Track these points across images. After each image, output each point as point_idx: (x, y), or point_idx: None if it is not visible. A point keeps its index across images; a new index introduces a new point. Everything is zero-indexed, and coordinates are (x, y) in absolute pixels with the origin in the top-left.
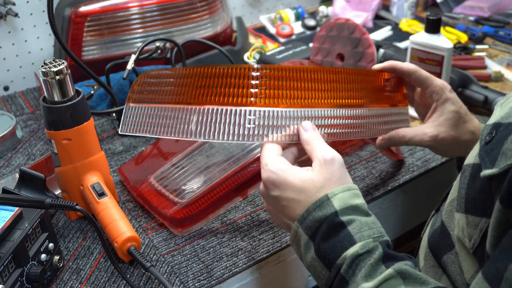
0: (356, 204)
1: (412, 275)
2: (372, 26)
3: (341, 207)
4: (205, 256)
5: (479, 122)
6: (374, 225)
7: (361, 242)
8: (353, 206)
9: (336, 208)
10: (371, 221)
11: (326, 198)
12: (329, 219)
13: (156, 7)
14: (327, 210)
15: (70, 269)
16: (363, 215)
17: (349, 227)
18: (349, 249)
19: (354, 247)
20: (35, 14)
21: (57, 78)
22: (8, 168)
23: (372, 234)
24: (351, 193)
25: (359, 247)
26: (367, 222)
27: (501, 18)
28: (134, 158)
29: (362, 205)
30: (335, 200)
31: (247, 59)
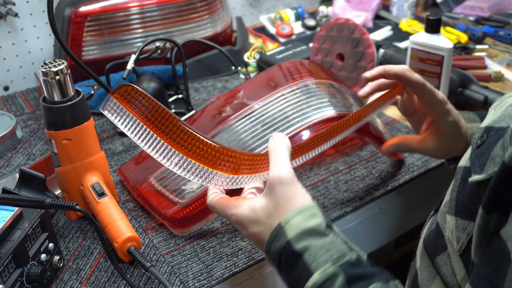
0: (311, 227)
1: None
2: (372, 26)
3: (295, 235)
4: (205, 256)
5: (465, 124)
6: (332, 246)
7: (318, 271)
8: (307, 230)
9: (289, 237)
10: (329, 241)
11: (280, 227)
12: (285, 251)
13: (156, 7)
14: (282, 240)
15: (70, 269)
16: (319, 237)
17: (305, 255)
18: (308, 282)
19: (312, 278)
20: (35, 14)
21: (57, 78)
22: (8, 168)
23: (330, 257)
24: (305, 215)
25: (318, 277)
26: (324, 245)
27: (501, 18)
28: (134, 158)
29: (318, 226)
30: (289, 228)
31: (247, 59)
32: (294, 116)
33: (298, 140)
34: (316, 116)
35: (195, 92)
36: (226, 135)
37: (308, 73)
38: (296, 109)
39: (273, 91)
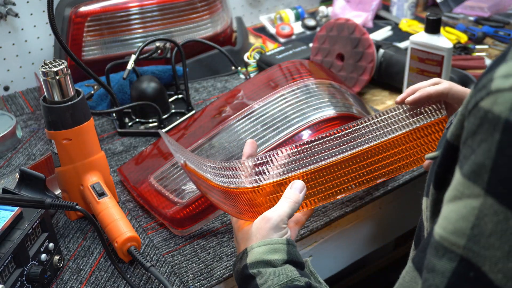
0: (268, 259)
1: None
2: (372, 26)
3: (252, 261)
4: (205, 256)
5: None
6: (282, 271)
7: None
8: (264, 261)
9: (247, 262)
10: (280, 268)
11: (245, 251)
12: (242, 272)
13: (156, 7)
14: (242, 263)
15: (70, 269)
16: (270, 267)
17: (257, 278)
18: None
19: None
20: (35, 14)
21: (57, 78)
22: (8, 168)
23: (279, 281)
24: (268, 247)
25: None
26: (274, 271)
27: (501, 18)
28: (134, 158)
29: (275, 261)
30: (251, 254)
31: (247, 59)
32: (294, 116)
33: (298, 140)
34: (316, 116)
35: (195, 92)
36: (226, 135)
37: (308, 73)
38: (296, 109)
39: (273, 91)
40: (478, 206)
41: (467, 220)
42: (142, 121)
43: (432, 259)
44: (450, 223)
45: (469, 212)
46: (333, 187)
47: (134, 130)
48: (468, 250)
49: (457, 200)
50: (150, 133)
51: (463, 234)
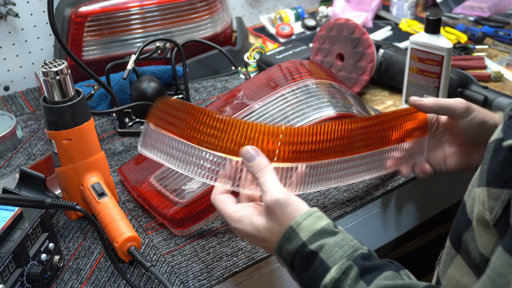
0: (322, 227)
1: (394, 287)
2: (372, 26)
3: (308, 236)
4: (205, 256)
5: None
6: (344, 242)
7: (335, 266)
8: (319, 230)
9: (304, 239)
10: (340, 239)
11: (291, 230)
12: (299, 251)
13: (156, 7)
14: (296, 242)
15: (70, 269)
16: (331, 235)
17: (321, 253)
18: (325, 277)
19: (329, 273)
20: (35, 14)
21: (57, 78)
22: (8, 168)
23: (344, 253)
24: (314, 217)
25: (335, 272)
26: (337, 242)
27: (501, 18)
28: (134, 158)
29: (328, 226)
30: (301, 230)
31: (247, 59)
32: (294, 116)
33: None
34: (316, 116)
35: (195, 92)
36: None
37: (308, 73)
38: (296, 109)
39: (273, 91)
40: None
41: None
42: (142, 121)
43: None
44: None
45: None
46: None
47: (134, 130)
48: None
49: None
50: None
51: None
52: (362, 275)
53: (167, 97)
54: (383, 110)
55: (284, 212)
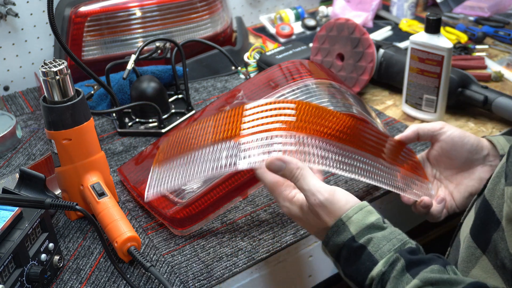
0: (371, 222)
1: (439, 281)
2: (372, 26)
3: (358, 230)
4: (205, 256)
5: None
6: (392, 236)
7: (382, 259)
8: (368, 225)
9: (353, 233)
10: (388, 232)
11: (341, 222)
12: (347, 245)
13: (156, 7)
14: (345, 236)
15: (70, 269)
16: (379, 230)
17: (369, 247)
18: (373, 270)
19: (377, 266)
20: (35, 14)
21: (57, 78)
22: (8, 168)
23: (392, 246)
24: (364, 211)
25: (382, 265)
26: (385, 236)
27: (501, 18)
28: (134, 158)
29: (377, 221)
30: (350, 224)
31: (247, 59)
32: None
33: None
34: None
35: (195, 92)
36: None
37: (308, 73)
38: None
39: (273, 91)
40: None
41: None
42: (142, 121)
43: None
44: None
45: None
46: None
47: (134, 130)
48: None
49: None
50: (150, 133)
51: None
52: (409, 268)
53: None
54: (383, 110)
55: (331, 211)
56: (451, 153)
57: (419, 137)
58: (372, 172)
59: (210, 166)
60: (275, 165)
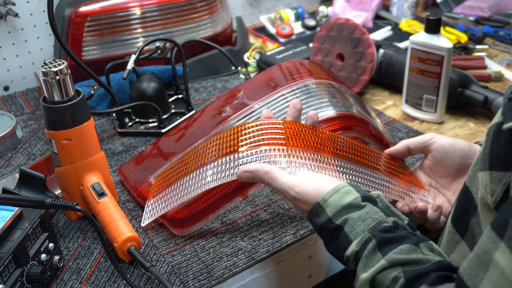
0: (348, 202)
1: (405, 261)
2: (372, 26)
3: (334, 212)
4: (205, 256)
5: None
6: (368, 215)
7: (356, 239)
8: (344, 206)
9: (330, 215)
10: (364, 212)
11: (319, 205)
12: (326, 226)
13: (156, 7)
14: (323, 217)
15: (70, 269)
16: (356, 209)
17: (345, 227)
18: (348, 249)
19: (351, 246)
20: (35, 14)
21: (57, 78)
22: (8, 168)
23: (367, 226)
24: (341, 193)
25: (355, 245)
26: (360, 216)
27: (501, 18)
28: (134, 158)
29: (354, 201)
30: (327, 206)
31: (247, 59)
32: None
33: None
34: None
35: (195, 92)
36: None
37: (308, 73)
38: None
39: (273, 91)
40: None
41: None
42: (142, 121)
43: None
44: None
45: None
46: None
47: (134, 130)
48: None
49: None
50: (150, 133)
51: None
52: (380, 247)
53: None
54: (383, 110)
55: (306, 201)
56: (444, 161)
57: (410, 151)
58: (361, 182)
59: (200, 184)
60: (244, 176)
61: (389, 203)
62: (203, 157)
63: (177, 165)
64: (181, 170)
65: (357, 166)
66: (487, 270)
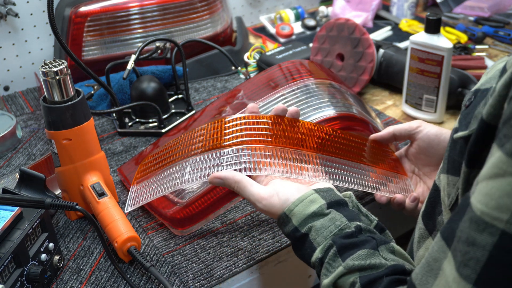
0: (312, 211)
1: (361, 267)
2: (372, 26)
3: (299, 222)
4: (205, 256)
5: None
6: (330, 223)
7: (320, 246)
8: (309, 215)
9: (295, 224)
10: (327, 220)
11: (285, 215)
12: (292, 235)
13: (156, 7)
14: (289, 227)
15: (70, 269)
16: (320, 217)
17: (310, 235)
18: (312, 256)
19: (315, 253)
20: (35, 14)
21: (57, 78)
22: (8, 168)
23: (329, 233)
24: (305, 202)
25: (319, 252)
26: (323, 224)
27: (501, 18)
28: (134, 158)
29: (318, 209)
30: (293, 217)
31: (247, 59)
32: None
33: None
34: (316, 116)
35: (195, 92)
36: None
37: (308, 73)
38: None
39: (273, 91)
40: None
41: (511, 196)
42: (142, 121)
43: (472, 233)
44: (493, 199)
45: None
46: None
47: (134, 130)
48: (511, 224)
49: (500, 178)
50: (150, 133)
51: (506, 209)
52: (341, 253)
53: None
54: (383, 110)
55: (273, 213)
56: (428, 151)
57: (396, 137)
58: (340, 175)
59: (179, 181)
60: (215, 182)
61: (359, 204)
62: (187, 149)
63: (161, 152)
64: (165, 159)
65: (338, 160)
66: (436, 277)
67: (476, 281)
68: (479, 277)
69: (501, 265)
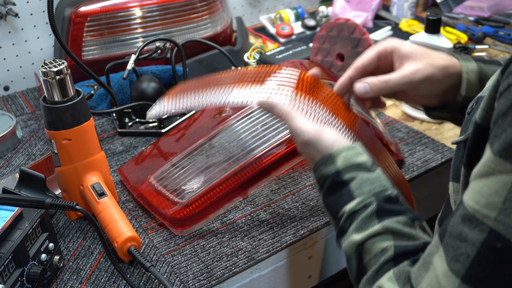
0: (360, 162)
1: (399, 232)
2: (372, 26)
3: (344, 166)
4: (205, 256)
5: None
6: (376, 180)
7: (359, 198)
8: (355, 164)
9: (339, 168)
10: (374, 177)
11: (330, 156)
12: (332, 178)
13: (156, 7)
14: (332, 168)
15: (70, 269)
16: (365, 171)
17: (351, 184)
18: (347, 205)
19: (352, 202)
20: (35, 14)
21: (57, 78)
22: (8, 168)
23: (373, 189)
24: (354, 151)
25: (356, 204)
26: (369, 178)
27: (501, 18)
28: (134, 158)
29: (365, 162)
30: (339, 159)
31: (247, 59)
32: None
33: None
34: None
35: None
36: (226, 135)
37: None
38: None
39: None
40: (510, 181)
41: (499, 194)
42: (142, 121)
43: (465, 230)
44: (483, 197)
45: (501, 186)
46: None
47: (134, 130)
48: (498, 222)
49: (489, 176)
50: (150, 133)
51: (494, 207)
52: (378, 214)
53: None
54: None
55: (318, 149)
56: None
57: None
58: None
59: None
60: (263, 106)
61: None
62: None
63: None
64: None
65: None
66: (427, 271)
67: (464, 276)
68: (466, 272)
69: (488, 262)
